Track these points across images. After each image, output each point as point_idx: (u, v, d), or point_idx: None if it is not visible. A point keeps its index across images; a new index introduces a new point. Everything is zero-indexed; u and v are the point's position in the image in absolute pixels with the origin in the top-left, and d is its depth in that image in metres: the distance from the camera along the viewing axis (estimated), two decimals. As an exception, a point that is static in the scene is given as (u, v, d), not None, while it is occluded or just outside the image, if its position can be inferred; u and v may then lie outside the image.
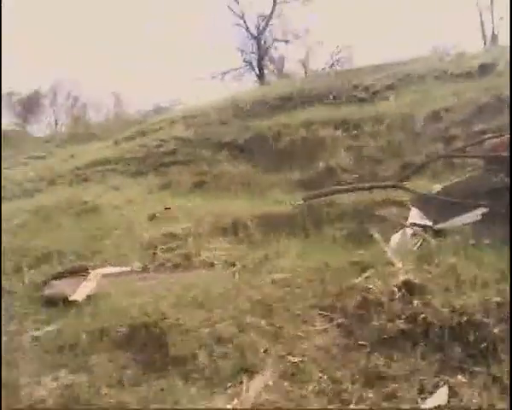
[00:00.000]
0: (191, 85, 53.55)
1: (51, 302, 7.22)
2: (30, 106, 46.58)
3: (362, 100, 17.85)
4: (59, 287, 7.53)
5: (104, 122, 36.71)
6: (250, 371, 5.20)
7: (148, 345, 5.94)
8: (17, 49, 69.74)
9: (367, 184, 10.87)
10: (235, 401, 4.86)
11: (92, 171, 15.82)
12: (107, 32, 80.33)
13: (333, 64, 41.24)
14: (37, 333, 6.62)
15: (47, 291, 7.56)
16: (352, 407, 4.49)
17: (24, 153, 24.51)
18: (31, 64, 74.24)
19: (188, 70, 76.03)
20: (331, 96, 18.75)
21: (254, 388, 4.96)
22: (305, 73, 40.62)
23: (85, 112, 48.03)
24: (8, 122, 44.80)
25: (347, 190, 10.92)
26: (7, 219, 10.98)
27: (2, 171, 20.16)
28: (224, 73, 39.34)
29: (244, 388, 5.01)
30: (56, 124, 46.45)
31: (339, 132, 15.24)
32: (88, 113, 48.02)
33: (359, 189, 10.71)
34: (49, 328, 6.66)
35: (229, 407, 4.82)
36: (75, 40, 79.25)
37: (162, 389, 5.24)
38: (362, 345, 5.31)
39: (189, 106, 26.57)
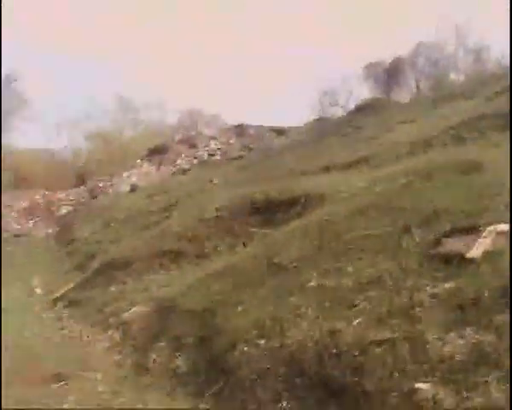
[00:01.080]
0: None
1: (445, 259, 7.20)
2: (392, 73, 47.54)
3: None
4: (452, 244, 7.46)
5: (465, 80, 35.77)
6: None
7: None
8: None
9: None
10: None
11: (467, 129, 15.39)
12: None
13: None
14: (435, 290, 6.66)
15: (440, 249, 7.55)
16: None
17: (390, 119, 25.04)
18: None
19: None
20: None
21: None
22: None
23: (446, 73, 47.32)
24: (373, 91, 46.69)
25: None
26: (390, 181, 11.30)
27: (366, 139, 20.91)
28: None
29: None
30: (418, 88, 46.63)
31: None
32: (448, 73, 47.32)
33: None
34: (447, 285, 6.64)
35: None
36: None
37: None
38: None
39: None
